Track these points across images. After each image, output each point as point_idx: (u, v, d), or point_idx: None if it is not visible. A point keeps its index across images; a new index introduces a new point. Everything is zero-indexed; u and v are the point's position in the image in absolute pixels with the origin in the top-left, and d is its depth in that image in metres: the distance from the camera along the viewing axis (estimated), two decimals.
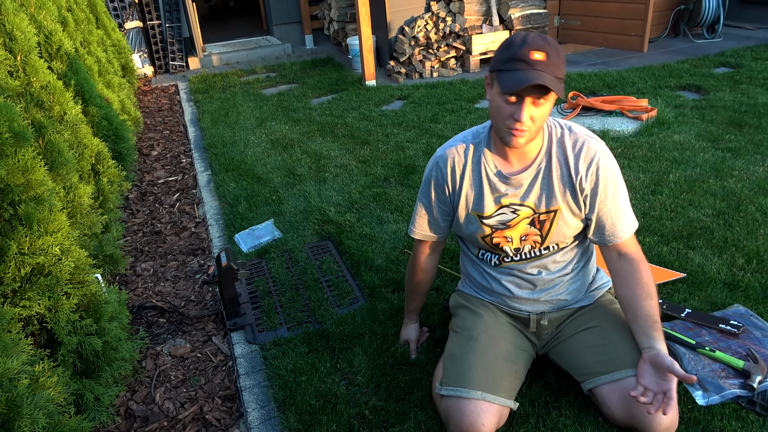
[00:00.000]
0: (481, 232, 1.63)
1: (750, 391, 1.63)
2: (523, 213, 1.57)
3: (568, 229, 1.57)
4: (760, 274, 2.18)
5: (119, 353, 1.88)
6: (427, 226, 1.76)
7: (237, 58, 7.13)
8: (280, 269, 2.56)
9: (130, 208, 3.39)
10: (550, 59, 1.33)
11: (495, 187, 1.58)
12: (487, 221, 1.61)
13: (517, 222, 1.58)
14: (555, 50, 1.35)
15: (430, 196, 1.70)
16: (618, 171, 1.53)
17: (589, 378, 1.57)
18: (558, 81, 1.34)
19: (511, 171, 1.56)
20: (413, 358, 1.92)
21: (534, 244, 1.60)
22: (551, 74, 1.33)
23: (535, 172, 1.53)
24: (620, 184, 1.53)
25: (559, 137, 1.53)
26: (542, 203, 1.55)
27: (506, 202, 1.57)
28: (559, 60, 1.35)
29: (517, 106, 1.37)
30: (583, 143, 1.51)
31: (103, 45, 4.47)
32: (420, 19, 5.68)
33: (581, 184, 1.51)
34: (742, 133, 3.57)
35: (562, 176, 1.52)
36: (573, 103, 4.09)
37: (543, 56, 1.33)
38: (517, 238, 1.60)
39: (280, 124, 4.54)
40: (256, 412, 1.81)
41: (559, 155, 1.52)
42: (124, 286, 2.61)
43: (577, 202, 1.53)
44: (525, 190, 1.55)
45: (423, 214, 1.75)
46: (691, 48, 5.91)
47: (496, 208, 1.59)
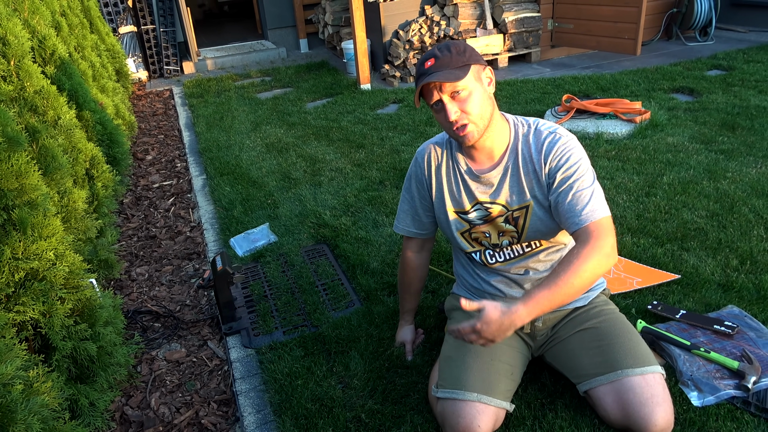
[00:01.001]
0: (461, 227, 1.67)
1: (745, 391, 1.63)
2: (496, 210, 1.60)
3: (543, 224, 1.57)
4: (753, 275, 2.19)
5: (114, 358, 1.87)
6: (410, 222, 1.79)
7: (232, 63, 7.13)
8: (275, 273, 2.56)
9: (124, 213, 3.38)
10: (439, 60, 1.44)
11: (467, 185, 1.62)
12: (464, 216, 1.65)
13: (493, 218, 1.61)
14: (446, 50, 1.46)
15: (412, 191, 1.75)
16: (586, 161, 1.48)
17: (584, 380, 1.57)
18: (453, 71, 1.43)
19: (480, 169, 1.60)
20: (409, 359, 1.92)
21: (512, 239, 1.63)
22: (444, 69, 1.43)
23: (503, 170, 1.57)
24: (587, 173, 1.46)
25: (525, 133, 1.57)
26: (513, 200, 1.58)
27: (480, 200, 1.61)
28: (451, 55, 1.45)
29: (444, 109, 1.47)
30: (547, 135, 1.53)
31: (97, 50, 4.46)
32: (414, 23, 5.70)
33: (546, 175, 1.51)
34: (735, 135, 3.59)
35: (527, 172, 1.55)
36: (567, 106, 4.10)
37: (432, 61, 1.45)
38: (495, 233, 1.63)
39: (275, 128, 4.54)
40: (251, 416, 1.81)
41: (525, 151, 1.55)
42: (119, 290, 2.60)
43: (544, 193, 1.54)
44: (495, 188, 1.58)
45: (406, 210, 1.79)
46: (684, 51, 5.94)
47: (471, 205, 1.63)
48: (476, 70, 1.47)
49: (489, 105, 1.49)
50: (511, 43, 5.90)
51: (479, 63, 1.49)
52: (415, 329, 2.02)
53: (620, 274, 2.25)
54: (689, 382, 1.69)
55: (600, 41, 5.71)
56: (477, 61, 1.48)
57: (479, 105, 1.46)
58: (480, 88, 1.47)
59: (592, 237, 1.39)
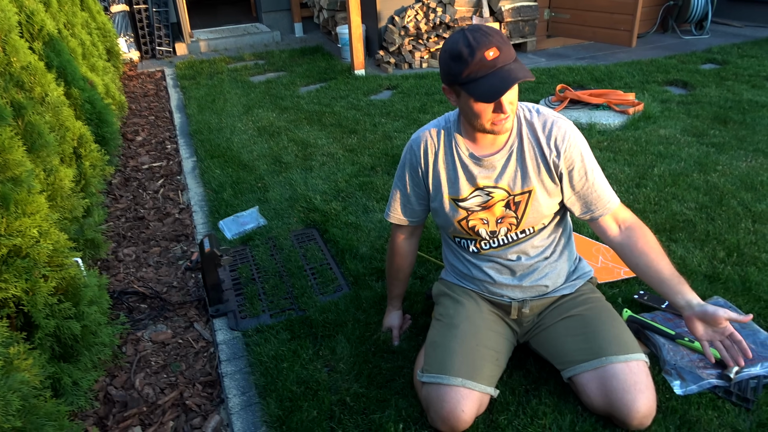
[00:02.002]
0: (458, 215, 1.64)
1: (727, 381, 1.65)
2: (498, 195, 1.58)
3: (543, 208, 1.58)
4: (739, 267, 2.20)
5: (99, 338, 1.86)
6: (402, 210, 1.76)
7: (225, 45, 7.05)
8: (264, 256, 2.54)
9: (113, 194, 3.35)
10: (502, 49, 1.34)
11: (468, 170, 1.59)
12: (462, 204, 1.62)
13: (493, 204, 1.59)
14: (499, 36, 1.36)
15: (405, 179, 1.71)
16: (588, 148, 1.57)
17: (568, 366, 1.58)
18: (518, 63, 1.37)
19: (483, 153, 1.57)
20: (396, 345, 1.92)
21: (510, 226, 1.61)
22: (511, 62, 1.35)
23: (507, 153, 1.55)
24: (593, 159, 1.57)
25: (529, 118, 1.56)
26: (516, 184, 1.56)
27: (481, 185, 1.58)
28: (506, 42, 1.37)
29: (498, 104, 1.39)
30: (552, 123, 1.53)
31: (87, 28, 4.39)
32: (410, 9, 5.65)
33: (555, 163, 1.53)
34: (727, 129, 3.60)
35: (535, 156, 1.54)
36: (561, 95, 4.10)
37: (496, 51, 1.33)
38: (493, 220, 1.61)
39: (268, 112, 4.50)
40: (236, 398, 1.81)
41: (530, 135, 1.55)
42: (106, 271, 2.58)
43: (553, 180, 1.55)
44: (498, 172, 1.56)
45: (398, 198, 1.76)
46: (679, 44, 5.94)
47: (471, 191, 1.60)
48: None
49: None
50: (507, 32, 5.87)
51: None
52: (403, 315, 2.02)
53: (608, 263, 2.26)
54: (672, 371, 1.70)
55: (596, 32, 5.69)
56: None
57: (516, 100, 1.44)
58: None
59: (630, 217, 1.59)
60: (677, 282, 1.53)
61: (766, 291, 2.05)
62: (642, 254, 1.55)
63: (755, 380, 1.64)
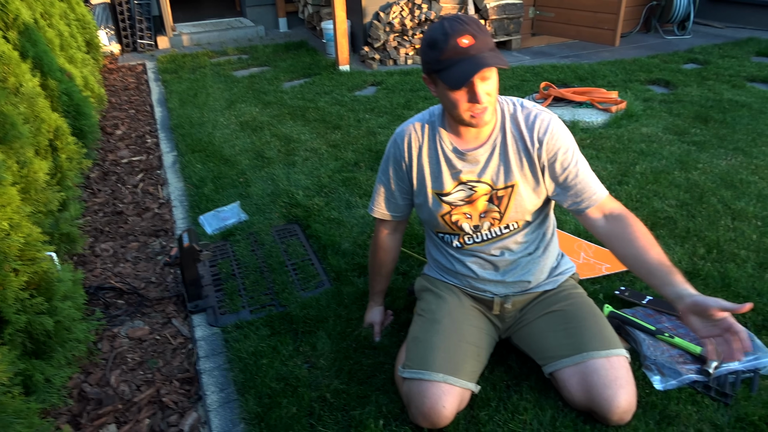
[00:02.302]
0: (441, 210, 1.62)
1: (706, 376, 1.65)
2: (481, 189, 1.57)
3: (526, 203, 1.56)
4: (719, 263, 2.22)
5: (73, 334, 1.81)
6: (385, 204, 1.75)
7: (208, 39, 6.97)
8: (244, 252, 2.51)
9: (91, 188, 3.29)
10: (477, 37, 1.33)
11: (452, 164, 1.57)
12: (446, 198, 1.60)
13: (476, 198, 1.58)
14: (476, 25, 1.35)
15: (389, 173, 1.69)
16: (573, 140, 1.54)
17: (550, 361, 1.57)
18: (494, 52, 1.35)
19: (467, 147, 1.55)
20: (377, 340, 1.90)
21: (493, 221, 1.60)
22: (486, 50, 1.34)
23: (491, 148, 1.53)
24: (578, 152, 1.55)
25: (512, 112, 1.54)
26: (500, 179, 1.55)
27: (464, 179, 1.57)
28: (483, 31, 1.35)
29: (471, 92, 1.37)
30: (536, 116, 1.52)
31: (66, 18, 4.30)
32: (396, 6, 5.63)
33: (539, 156, 1.51)
34: (708, 128, 3.63)
35: (518, 150, 1.53)
36: (545, 93, 4.10)
37: (471, 39, 1.33)
38: (476, 215, 1.60)
39: (251, 107, 4.45)
40: (215, 395, 1.77)
41: (513, 129, 1.53)
42: (82, 266, 2.53)
43: (535, 174, 1.54)
44: (482, 166, 1.55)
45: (382, 192, 1.74)
46: (662, 44, 5.99)
47: (454, 185, 1.59)
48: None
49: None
50: (492, 29, 5.88)
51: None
52: (384, 311, 2.00)
53: (589, 259, 2.26)
54: (653, 366, 1.70)
55: (580, 31, 5.72)
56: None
57: (496, 90, 1.42)
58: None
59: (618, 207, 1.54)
60: (667, 272, 1.38)
61: (745, 287, 2.07)
62: (629, 243, 1.46)
63: (734, 375, 1.66)
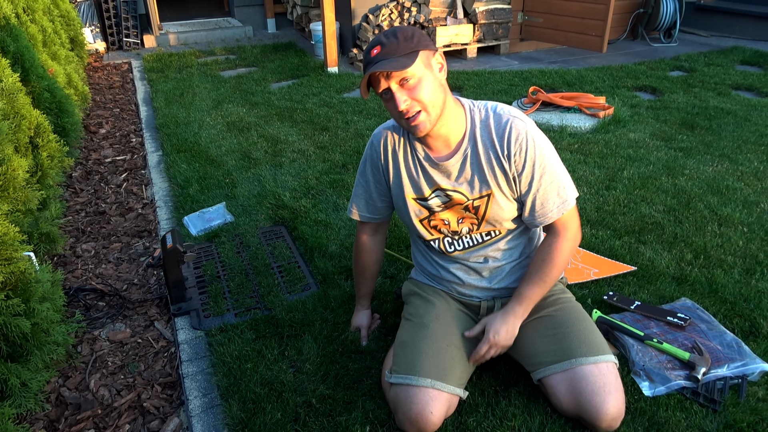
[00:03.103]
0: (420, 214, 1.62)
1: (694, 382, 1.65)
2: (457, 197, 1.55)
3: (503, 212, 1.55)
4: (706, 269, 2.22)
5: (51, 336, 1.76)
6: (364, 206, 1.73)
7: (195, 39, 6.90)
8: (230, 254, 2.47)
9: (73, 187, 3.22)
10: (386, 47, 1.38)
11: (427, 172, 1.56)
12: (424, 203, 1.60)
13: (453, 204, 1.57)
14: (392, 37, 1.38)
15: (367, 175, 1.68)
16: (547, 148, 1.49)
17: (539, 368, 1.55)
18: (399, 59, 1.36)
19: (438, 156, 1.54)
20: (364, 344, 1.87)
21: (471, 226, 1.59)
22: (391, 57, 1.37)
23: (461, 157, 1.51)
24: (548, 163, 1.49)
25: (483, 119, 1.51)
26: (474, 189, 1.53)
27: (441, 186, 1.56)
28: (398, 41, 1.38)
29: (393, 98, 1.40)
30: (507, 123, 1.48)
31: (49, 14, 4.23)
32: (385, 8, 5.62)
33: (509, 165, 1.49)
34: (694, 134, 3.66)
35: (489, 159, 1.50)
36: (533, 98, 4.11)
37: (378, 49, 1.39)
38: (454, 220, 1.59)
39: (238, 107, 4.40)
40: (197, 400, 1.73)
41: (485, 137, 1.50)
42: (63, 266, 2.47)
43: (509, 183, 1.51)
44: (455, 176, 1.53)
45: (360, 194, 1.73)
46: (648, 51, 6.05)
47: (430, 191, 1.58)
48: (425, 56, 1.40)
49: (441, 92, 1.43)
50: (481, 33, 5.89)
51: (429, 48, 1.41)
52: (372, 314, 1.97)
53: (578, 264, 2.26)
54: (641, 372, 1.69)
55: (568, 37, 5.75)
56: (426, 47, 1.40)
57: (430, 92, 1.40)
58: (430, 74, 1.40)
59: (561, 228, 1.56)
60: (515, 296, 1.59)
61: (732, 293, 2.07)
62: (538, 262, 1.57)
63: (722, 381, 1.65)
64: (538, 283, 1.55)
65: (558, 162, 1.52)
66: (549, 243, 1.56)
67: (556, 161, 1.51)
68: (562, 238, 1.55)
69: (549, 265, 1.54)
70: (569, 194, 1.53)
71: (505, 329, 1.54)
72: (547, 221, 1.54)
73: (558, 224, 1.55)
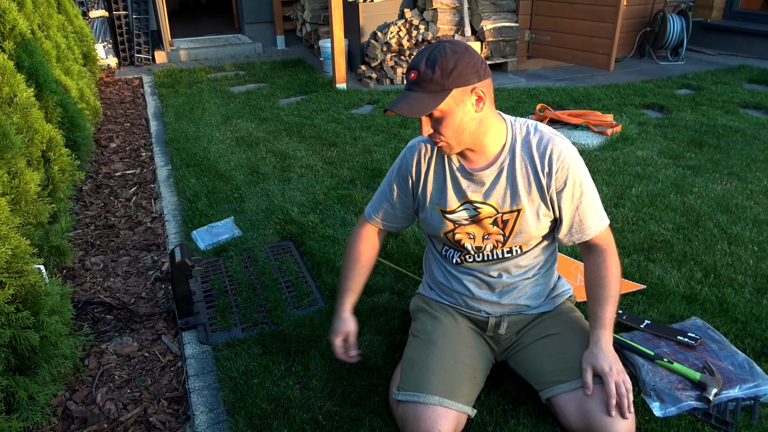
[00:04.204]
0: (444, 227, 1.60)
1: (706, 403, 1.63)
2: (486, 211, 1.54)
3: (532, 229, 1.54)
4: (717, 288, 2.21)
5: (59, 349, 1.76)
6: (383, 215, 1.73)
7: (206, 55, 6.99)
8: (237, 268, 2.47)
9: (83, 200, 3.25)
10: (420, 76, 1.36)
11: (458, 183, 1.55)
12: (449, 216, 1.58)
13: (480, 219, 1.55)
14: (430, 68, 1.35)
15: (393, 185, 1.68)
16: (584, 168, 1.52)
17: (547, 387, 1.54)
18: (422, 101, 1.35)
19: (473, 167, 1.53)
20: (352, 354, 1.69)
21: (496, 243, 1.58)
22: (421, 89, 1.36)
23: (498, 170, 1.51)
24: (586, 182, 1.52)
25: (525, 135, 1.51)
26: (506, 202, 1.52)
27: (470, 198, 1.55)
28: (434, 76, 1.34)
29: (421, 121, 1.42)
30: (548, 141, 1.49)
31: (63, 31, 4.30)
32: (393, 26, 5.67)
33: (548, 183, 1.49)
34: (702, 152, 3.65)
35: (527, 174, 1.50)
36: (540, 115, 4.12)
37: (414, 75, 1.37)
38: (480, 236, 1.58)
39: (247, 122, 4.44)
40: (204, 415, 1.73)
41: (525, 153, 1.50)
42: (71, 279, 2.48)
43: (545, 200, 1.51)
44: (488, 187, 1.52)
45: (382, 201, 1.72)
46: (655, 69, 6.06)
47: (459, 204, 1.56)
48: (459, 92, 1.36)
49: (471, 126, 1.41)
50: (488, 51, 5.93)
51: (466, 84, 1.35)
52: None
53: None
54: (652, 392, 1.67)
55: (575, 54, 5.78)
56: (464, 83, 1.35)
57: (453, 129, 1.40)
58: (460, 111, 1.38)
59: (603, 244, 1.58)
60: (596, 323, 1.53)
61: (743, 312, 2.05)
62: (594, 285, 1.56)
63: (734, 402, 1.63)
64: (609, 301, 1.53)
65: (592, 183, 1.55)
66: (599, 261, 1.57)
67: (591, 182, 1.55)
68: (609, 253, 1.57)
69: (611, 281, 1.54)
70: (604, 213, 1.57)
71: (608, 358, 1.46)
72: (585, 238, 1.56)
73: (599, 242, 1.58)
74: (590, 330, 1.54)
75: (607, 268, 1.55)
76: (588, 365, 1.47)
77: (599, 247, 1.58)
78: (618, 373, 1.43)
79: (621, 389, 1.41)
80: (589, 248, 1.60)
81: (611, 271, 1.55)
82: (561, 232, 1.57)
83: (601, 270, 1.56)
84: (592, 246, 1.58)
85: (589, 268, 1.60)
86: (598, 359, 1.46)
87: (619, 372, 1.44)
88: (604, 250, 1.57)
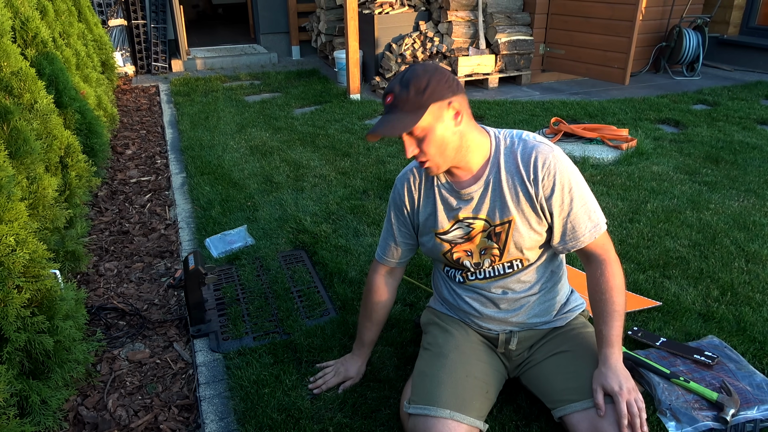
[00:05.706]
0: (441, 248, 1.60)
1: (723, 423, 1.60)
2: (478, 226, 1.54)
3: (526, 240, 1.52)
4: (734, 306, 2.17)
5: (72, 354, 1.77)
6: (391, 252, 1.74)
7: (222, 64, 7.06)
8: (250, 277, 2.48)
9: (98, 206, 3.28)
10: (396, 99, 1.38)
11: (447, 203, 1.56)
12: (444, 237, 1.59)
13: (474, 235, 1.55)
14: (405, 89, 1.38)
15: (391, 219, 1.71)
16: (574, 174, 1.48)
17: (559, 405, 1.52)
18: (400, 121, 1.37)
19: (460, 183, 1.53)
20: (316, 393, 1.79)
21: (494, 258, 1.57)
22: (398, 110, 1.38)
23: (483, 184, 1.51)
24: (577, 188, 1.48)
25: (509, 146, 1.51)
26: (496, 215, 1.52)
27: (461, 217, 1.55)
28: (409, 95, 1.37)
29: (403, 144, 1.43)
30: (533, 148, 1.48)
31: (83, 39, 4.37)
32: (408, 38, 5.70)
33: (536, 191, 1.47)
34: (719, 168, 3.62)
35: (513, 185, 1.49)
36: (555, 128, 4.11)
37: (390, 98, 1.40)
38: (477, 252, 1.57)
39: (261, 132, 4.47)
40: (214, 423, 1.72)
41: (509, 164, 1.49)
42: (85, 285, 2.49)
43: (535, 209, 1.49)
44: (476, 203, 1.52)
45: (387, 239, 1.74)
46: (671, 84, 6.03)
47: (451, 224, 1.57)
48: (436, 108, 1.38)
49: (453, 140, 1.43)
50: (503, 64, 5.94)
51: (442, 99, 1.38)
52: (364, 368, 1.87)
53: None
54: (667, 412, 1.65)
55: (590, 68, 5.77)
56: (440, 98, 1.38)
57: (437, 145, 1.41)
58: (440, 127, 1.39)
59: (601, 253, 1.53)
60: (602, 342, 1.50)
61: (761, 332, 2.02)
62: (597, 300, 1.52)
63: (752, 424, 1.60)
64: (614, 316, 1.49)
65: (586, 187, 1.52)
66: (599, 274, 1.52)
67: (584, 186, 1.51)
68: (608, 264, 1.52)
69: (613, 294, 1.50)
70: (600, 218, 1.52)
71: (617, 377, 1.44)
72: (579, 245, 1.51)
73: (597, 250, 1.53)
74: (597, 349, 1.51)
75: (608, 281, 1.51)
76: (598, 385, 1.44)
77: (598, 256, 1.53)
78: (629, 392, 1.41)
79: (633, 408, 1.39)
80: (588, 258, 1.56)
81: (611, 284, 1.50)
82: (554, 240, 1.53)
83: (601, 283, 1.52)
84: (590, 255, 1.54)
85: (590, 281, 1.56)
86: (607, 379, 1.44)
87: (630, 390, 1.41)
88: (603, 261, 1.53)
